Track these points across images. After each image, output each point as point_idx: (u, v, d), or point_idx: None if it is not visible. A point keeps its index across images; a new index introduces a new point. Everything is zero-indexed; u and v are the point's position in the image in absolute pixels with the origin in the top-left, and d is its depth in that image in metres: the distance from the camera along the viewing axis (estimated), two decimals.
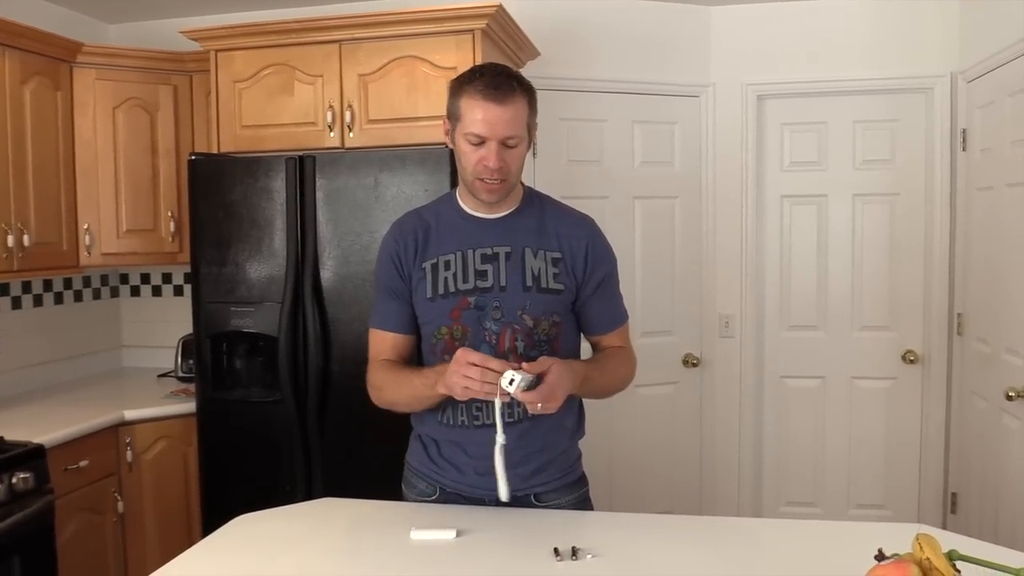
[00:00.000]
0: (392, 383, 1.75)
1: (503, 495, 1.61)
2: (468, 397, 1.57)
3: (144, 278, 3.80)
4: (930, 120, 3.42)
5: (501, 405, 1.57)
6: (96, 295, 3.69)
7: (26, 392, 3.17)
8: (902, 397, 3.55)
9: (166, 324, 3.66)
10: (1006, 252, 2.89)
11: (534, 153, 3.11)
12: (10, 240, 2.78)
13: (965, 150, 3.31)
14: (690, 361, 3.61)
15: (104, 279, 3.73)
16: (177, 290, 3.75)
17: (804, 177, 3.59)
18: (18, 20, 2.80)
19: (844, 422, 3.60)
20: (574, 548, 1.49)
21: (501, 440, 1.58)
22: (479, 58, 2.69)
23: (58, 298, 3.47)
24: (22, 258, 2.84)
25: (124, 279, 3.82)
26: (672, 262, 3.60)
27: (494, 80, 1.62)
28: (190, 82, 3.30)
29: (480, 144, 1.62)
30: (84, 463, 2.64)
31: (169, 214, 3.29)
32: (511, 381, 1.50)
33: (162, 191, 3.28)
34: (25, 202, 2.87)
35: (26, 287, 3.30)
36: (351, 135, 2.85)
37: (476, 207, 1.75)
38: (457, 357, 1.56)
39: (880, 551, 1.21)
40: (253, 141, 2.93)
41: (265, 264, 2.76)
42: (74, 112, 3.10)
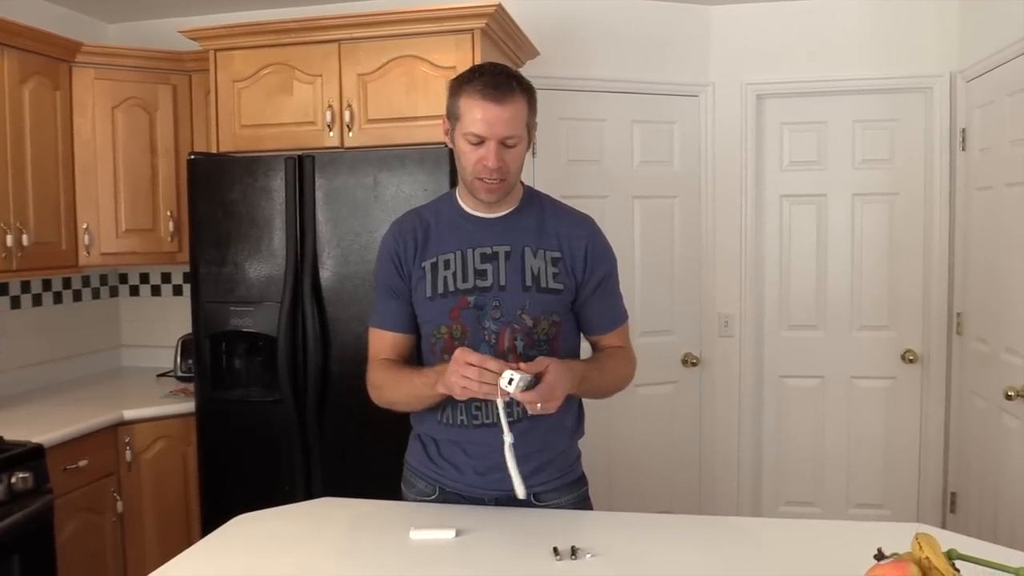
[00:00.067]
0: (392, 382, 1.75)
1: (520, 493, 1.59)
2: (467, 397, 1.57)
3: (143, 278, 3.80)
4: (929, 120, 3.42)
5: (504, 404, 1.56)
6: (95, 295, 3.69)
7: (25, 392, 3.17)
8: (901, 397, 3.55)
9: (165, 324, 3.66)
10: (1005, 252, 2.89)
11: (533, 153, 3.11)
12: (9, 240, 2.78)
13: (964, 150, 3.31)
14: (689, 361, 3.61)
15: (103, 279, 3.73)
16: (176, 290, 3.75)
17: (803, 177, 3.59)
18: (17, 19, 2.80)
19: (843, 422, 3.60)
20: (573, 547, 1.49)
21: (509, 439, 1.57)
22: (478, 58, 2.69)
23: (57, 298, 3.47)
24: (21, 258, 2.84)
25: (123, 279, 3.81)
26: (671, 262, 3.60)
27: (493, 80, 1.62)
28: (189, 82, 3.30)
29: (479, 144, 1.62)
30: (83, 463, 2.64)
31: (168, 214, 3.29)
32: (510, 381, 1.49)
33: (161, 191, 3.28)
34: (24, 202, 2.87)
35: (25, 287, 3.30)
36: (350, 135, 2.84)
37: (476, 206, 1.75)
38: (456, 357, 1.56)
39: (879, 550, 1.21)
40: (252, 141, 2.93)
41: (264, 264, 2.76)
42: (73, 112, 3.10)
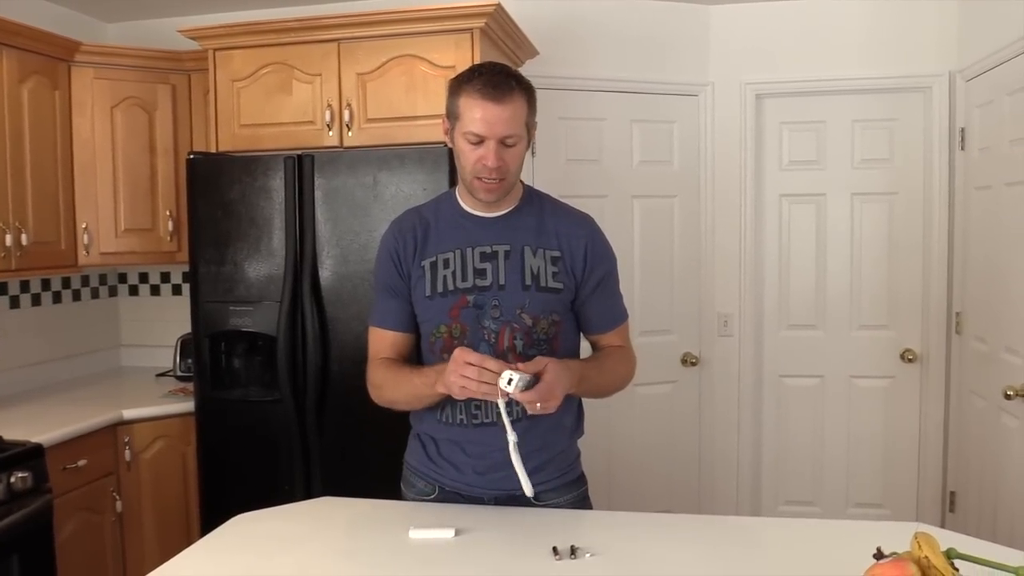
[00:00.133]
0: (392, 382, 1.75)
1: (528, 491, 1.58)
2: (466, 396, 1.57)
3: (142, 277, 3.79)
4: (928, 119, 3.43)
5: (505, 404, 1.56)
6: (94, 294, 3.69)
7: (24, 391, 3.16)
8: (901, 396, 3.55)
9: (164, 323, 3.65)
10: (1005, 251, 2.89)
11: (533, 152, 3.11)
12: (8, 239, 2.78)
13: (964, 149, 3.31)
14: (689, 360, 3.61)
15: (102, 278, 3.73)
16: (175, 289, 3.75)
17: (803, 176, 3.59)
18: (16, 19, 2.80)
19: (843, 421, 3.60)
20: (573, 547, 1.49)
21: (513, 438, 1.57)
22: (478, 57, 2.69)
23: (56, 297, 3.47)
24: (20, 257, 2.83)
25: (122, 278, 3.81)
26: (671, 261, 3.60)
27: (493, 79, 1.62)
28: (188, 81, 3.29)
29: (479, 143, 1.62)
30: (82, 462, 2.64)
31: (167, 213, 3.28)
32: (509, 381, 1.49)
33: (160, 190, 3.28)
34: (23, 201, 2.87)
35: (24, 286, 3.30)
36: (350, 134, 2.84)
37: (475, 205, 1.75)
38: (455, 356, 1.56)
39: (879, 549, 1.21)
40: (251, 140, 2.93)
41: (264, 263, 2.76)
42: (72, 111, 3.10)
